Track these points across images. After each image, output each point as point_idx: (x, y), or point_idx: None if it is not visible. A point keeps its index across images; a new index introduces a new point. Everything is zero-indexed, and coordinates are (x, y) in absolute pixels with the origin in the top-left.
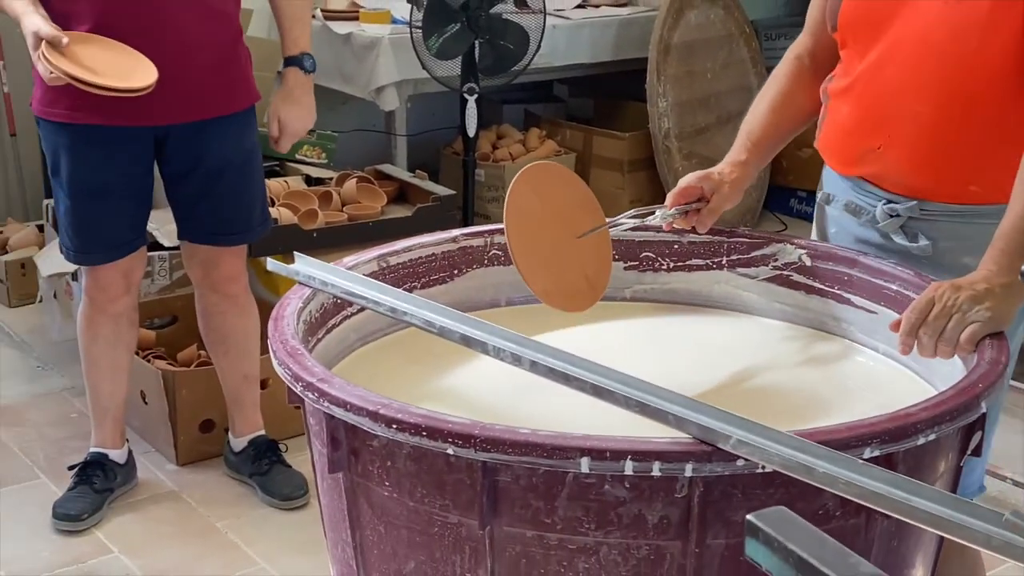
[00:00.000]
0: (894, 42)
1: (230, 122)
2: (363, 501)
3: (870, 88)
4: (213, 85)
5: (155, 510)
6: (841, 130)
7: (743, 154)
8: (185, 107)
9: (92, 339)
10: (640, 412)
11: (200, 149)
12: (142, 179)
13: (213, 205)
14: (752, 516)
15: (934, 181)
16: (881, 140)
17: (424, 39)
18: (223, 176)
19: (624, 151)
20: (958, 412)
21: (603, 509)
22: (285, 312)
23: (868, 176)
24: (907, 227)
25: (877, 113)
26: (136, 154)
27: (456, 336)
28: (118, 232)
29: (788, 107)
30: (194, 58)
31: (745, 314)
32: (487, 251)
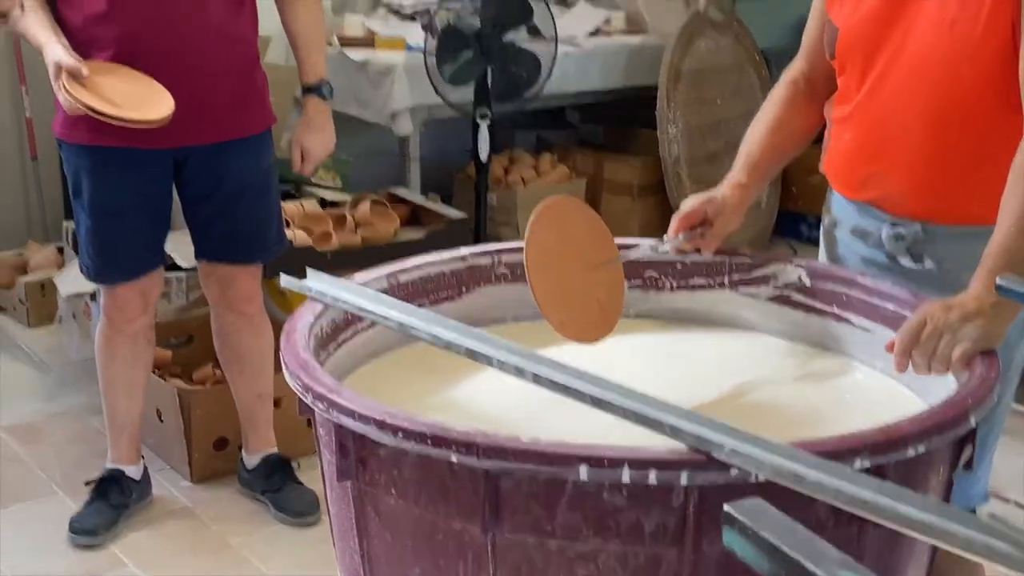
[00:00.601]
0: (889, 69)
1: (248, 144)
2: (370, 509)
3: (868, 114)
4: (231, 108)
5: (169, 526)
6: (844, 156)
7: (743, 176)
8: (204, 130)
9: (110, 358)
10: (637, 422)
11: (219, 171)
12: (161, 200)
13: (231, 225)
14: (728, 506)
15: (936, 204)
16: (882, 165)
17: (438, 66)
18: (241, 197)
19: (634, 176)
20: (947, 426)
21: (602, 516)
22: (297, 326)
23: (872, 200)
24: (913, 249)
25: (876, 139)
26: (155, 175)
27: (462, 349)
28: (137, 252)
29: (785, 129)
30: (213, 82)
31: (748, 331)
32: (494, 269)
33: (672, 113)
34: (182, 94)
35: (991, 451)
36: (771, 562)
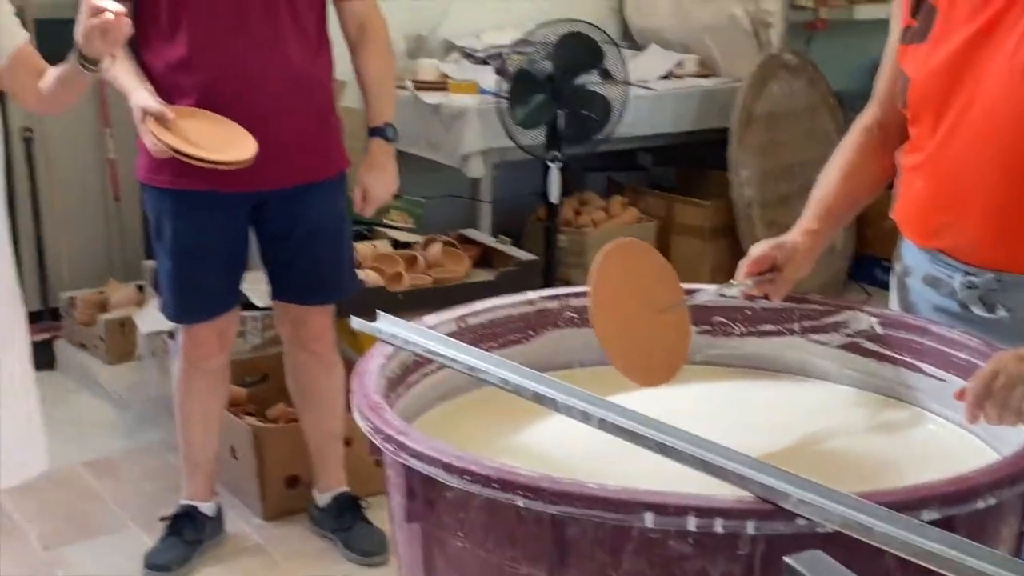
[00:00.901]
0: (961, 118)
1: (324, 188)
2: (437, 551)
3: (941, 164)
4: (308, 152)
5: (241, 563)
6: (916, 204)
7: (815, 223)
8: (281, 174)
9: (187, 394)
10: (703, 470)
11: (296, 213)
12: (239, 243)
13: (306, 266)
14: (789, 558)
15: (1008, 253)
16: (954, 215)
17: (510, 109)
18: (316, 239)
19: (705, 219)
20: (1019, 477)
21: (667, 564)
22: (368, 367)
23: (944, 249)
24: (985, 298)
25: (948, 188)
26: (234, 218)
27: (529, 394)
28: (215, 293)
29: (859, 175)
30: (290, 126)
31: (817, 380)
32: (562, 313)
33: (744, 156)
34: (260, 138)
35: None
36: None
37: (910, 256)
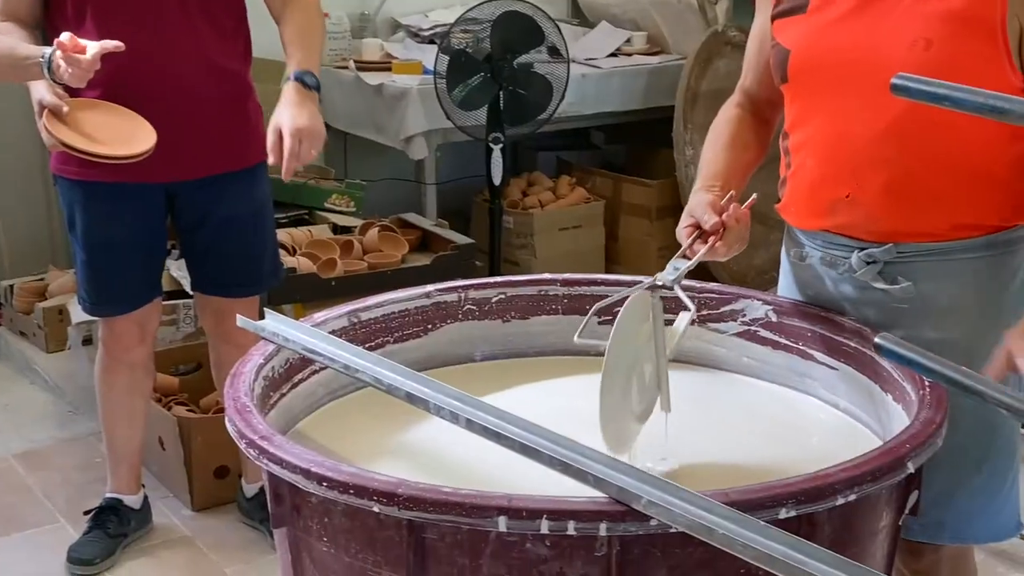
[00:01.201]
0: (857, 90)
1: (239, 178)
2: (305, 556)
3: (835, 138)
4: (222, 141)
5: (167, 555)
6: (807, 184)
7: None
8: (193, 164)
9: (108, 387)
10: (563, 471)
11: (209, 204)
12: (153, 234)
13: (222, 258)
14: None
15: (906, 223)
16: (850, 188)
17: (448, 90)
18: (232, 230)
19: (652, 198)
20: (881, 473)
21: (525, 566)
22: (244, 369)
23: (838, 227)
24: (885, 273)
25: (844, 162)
26: (146, 209)
27: (402, 393)
28: (131, 285)
29: (739, 146)
30: (202, 116)
31: (714, 369)
32: (461, 306)
33: (689, 135)
34: (172, 128)
35: (1012, 479)
36: None
37: (802, 242)
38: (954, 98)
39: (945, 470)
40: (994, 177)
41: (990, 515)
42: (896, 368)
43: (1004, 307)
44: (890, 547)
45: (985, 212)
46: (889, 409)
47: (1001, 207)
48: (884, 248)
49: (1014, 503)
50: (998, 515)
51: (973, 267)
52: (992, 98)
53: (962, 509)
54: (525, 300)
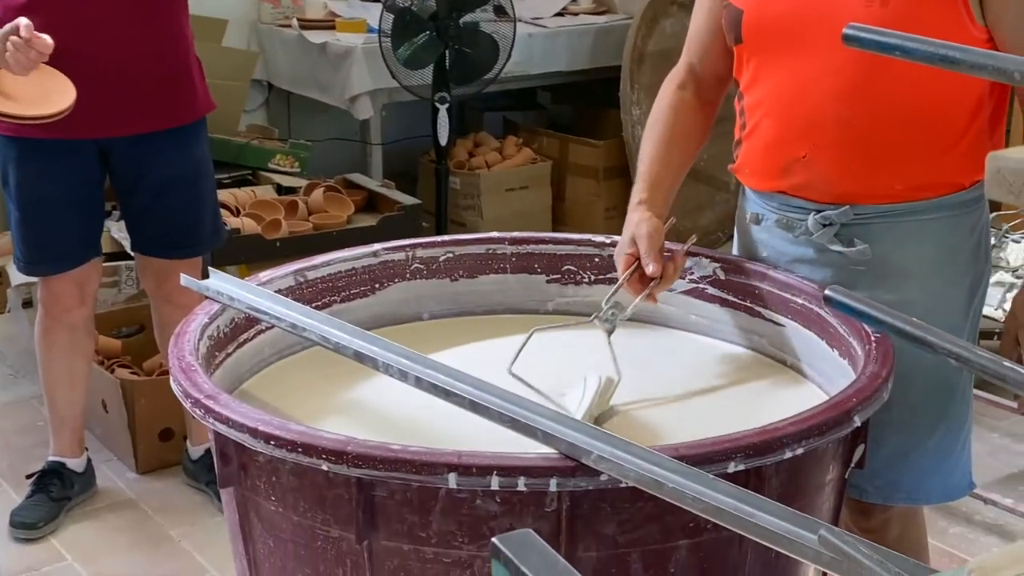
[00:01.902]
0: (813, 49)
1: (175, 135)
2: (253, 515)
3: (791, 98)
4: (155, 99)
5: (112, 518)
6: (762, 144)
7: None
8: (126, 120)
9: (48, 349)
10: (512, 427)
11: (143, 163)
12: (90, 192)
13: (160, 219)
14: (496, 539)
15: (863, 184)
16: (806, 149)
17: (393, 48)
18: (170, 189)
19: (599, 159)
20: (828, 426)
21: (476, 523)
22: (188, 328)
23: (794, 189)
24: (841, 234)
25: (800, 122)
26: (81, 167)
27: (350, 352)
28: (67, 244)
29: (679, 142)
30: (134, 72)
31: (663, 327)
32: (409, 265)
33: (636, 95)
34: (102, 83)
35: (963, 440)
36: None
37: (757, 203)
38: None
39: (899, 432)
40: (952, 138)
41: (943, 476)
42: (843, 324)
43: (961, 267)
44: (836, 500)
45: (943, 173)
46: (836, 364)
47: (959, 168)
48: (840, 210)
49: (966, 463)
50: (951, 476)
51: (931, 228)
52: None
53: (915, 470)
54: (473, 259)
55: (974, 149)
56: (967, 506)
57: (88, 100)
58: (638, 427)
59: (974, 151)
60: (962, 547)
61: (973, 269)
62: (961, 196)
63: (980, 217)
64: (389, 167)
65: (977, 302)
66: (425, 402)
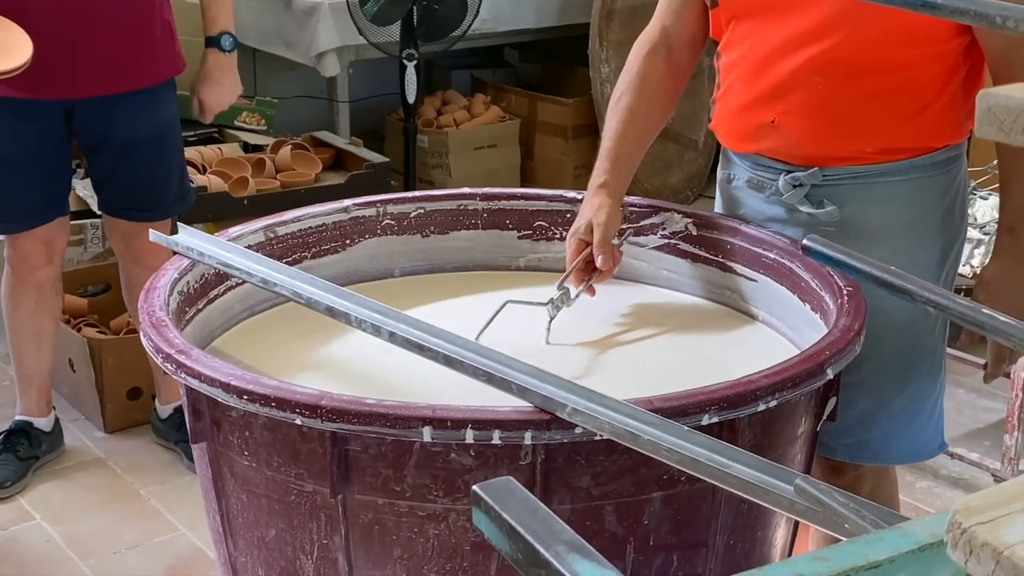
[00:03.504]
0: (783, 16)
1: (141, 96)
2: (226, 470)
3: (760, 63)
4: (123, 59)
5: (80, 477)
6: (734, 107)
7: (603, 175)
8: (93, 81)
9: (15, 307)
10: (487, 382)
11: (109, 122)
12: (54, 151)
13: (126, 180)
14: (477, 487)
15: (832, 148)
16: (775, 114)
17: (360, 4)
18: (135, 151)
19: (568, 117)
20: (801, 379)
21: (450, 477)
22: (158, 284)
23: (765, 151)
24: (811, 195)
25: (769, 88)
26: (46, 126)
27: (322, 307)
28: (33, 202)
29: (644, 116)
30: (102, 31)
31: (635, 282)
32: (379, 221)
33: (605, 52)
34: (70, 43)
35: (936, 401)
36: (510, 543)
37: (732, 163)
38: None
39: (868, 391)
40: (922, 103)
41: (911, 436)
42: (815, 278)
43: (933, 229)
44: (808, 454)
45: (913, 137)
46: (807, 319)
47: (930, 131)
48: (809, 172)
49: (937, 424)
50: (919, 436)
51: (900, 190)
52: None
53: (883, 429)
54: (444, 215)
55: (946, 113)
56: (934, 461)
57: (53, 60)
58: (610, 382)
59: (946, 115)
60: (928, 501)
61: (946, 231)
62: (933, 157)
63: (955, 179)
64: (357, 125)
65: (951, 264)
66: (399, 358)
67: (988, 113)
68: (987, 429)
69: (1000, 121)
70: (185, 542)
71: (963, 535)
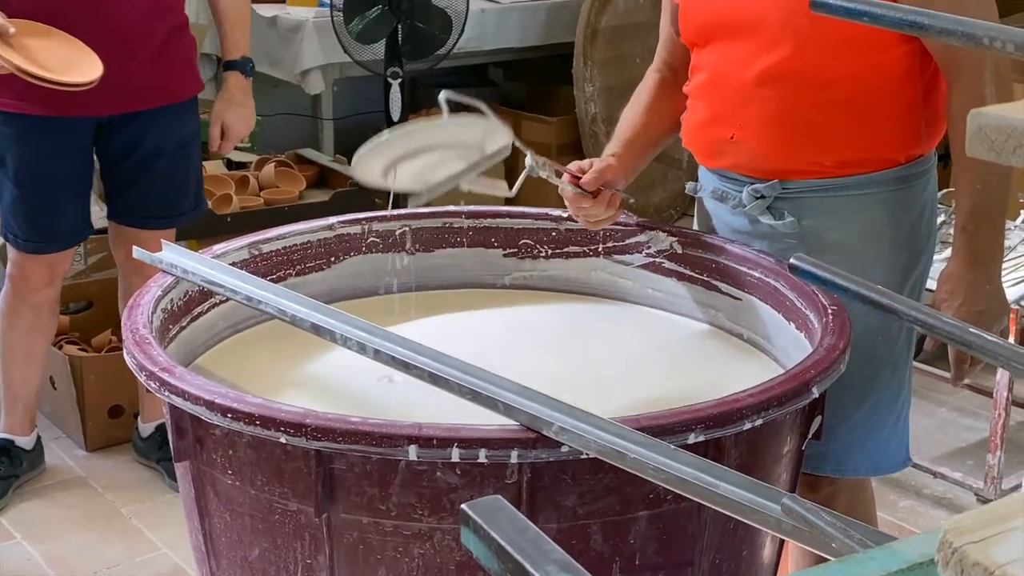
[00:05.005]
0: (736, 38)
1: (170, 111)
2: (209, 489)
3: (718, 83)
4: (154, 76)
5: (61, 496)
6: (697, 125)
7: (618, 148)
8: (126, 98)
9: (10, 326)
10: (473, 400)
11: (138, 135)
12: (85, 168)
13: (145, 188)
14: (466, 505)
15: (789, 160)
16: (733, 130)
17: (345, 23)
18: (157, 161)
19: (552, 135)
20: (787, 398)
21: (436, 496)
22: (142, 301)
23: (728, 167)
24: (773, 208)
25: (727, 104)
26: (78, 144)
27: (307, 325)
28: (67, 221)
29: (654, 112)
30: (135, 49)
31: (620, 301)
32: (365, 238)
33: (589, 71)
34: (104, 62)
35: (899, 416)
36: (499, 563)
37: (702, 176)
38: (873, 14)
39: (829, 403)
40: (876, 111)
41: (872, 449)
42: (800, 297)
43: (895, 244)
44: (794, 472)
45: (871, 149)
46: (792, 338)
47: (890, 143)
48: (769, 184)
49: (901, 438)
50: (881, 450)
51: (860, 204)
52: (912, 13)
53: (841, 442)
54: (429, 232)
55: (904, 123)
56: (916, 479)
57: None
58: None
59: (904, 125)
60: (911, 520)
61: (911, 247)
62: (896, 172)
63: (922, 194)
64: (341, 143)
65: (915, 280)
66: (384, 376)
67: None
68: (970, 448)
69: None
70: (167, 561)
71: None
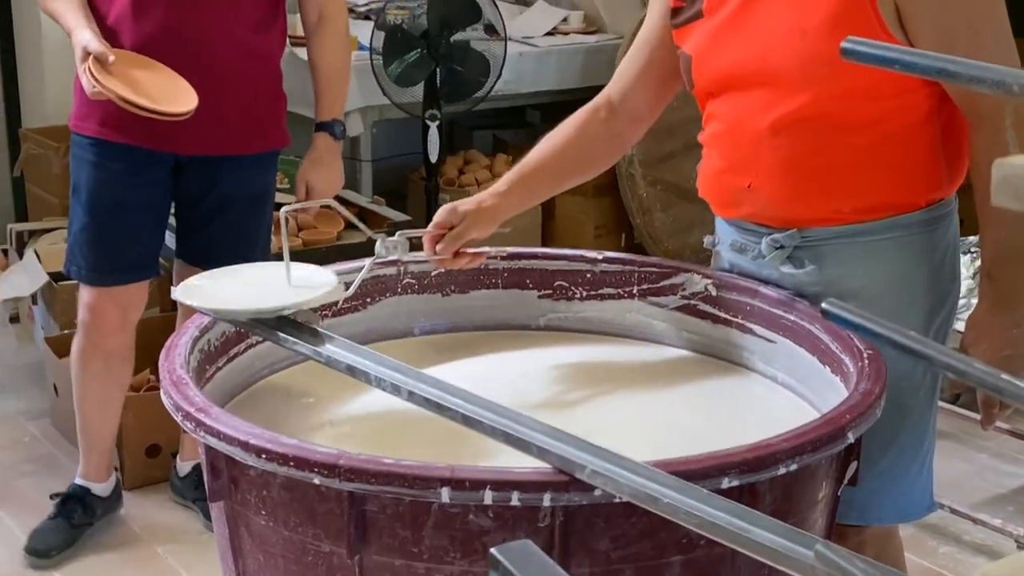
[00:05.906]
0: (750, 85)
1: (251, 161)
2: (243, 530)
3: (733, 132)
4: (242, 123)
5: (98, 535)
6: (713, 174)
7: (505, 185)
8: (211, 140)
9: (82, 371)
10: (506, 442)
11: (217, 178)
12: (160, 204)
13: (218, 232)
14: (495, 550)
15: (807, 209)
16: (750, 179)
17: (385, 66)
18: (232, 206)
19: None
20: (822, 443)
21: (468, 538)
22: (179, 341)
23: (746, 217)
24: (793, 257)
25: (742, 154)
26: (157, 179)
27: (342, 366)
28: (135, 254)
29: (570, 153)
30: (230, 93)
31: (655, 343)
32: (400, 280)
33: None
34: (201, 101)
35: (923, 462)
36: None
37: (719, 228)
38: (904, 61)
39: None
40: (896, 155)
41: (896, 496)
42: (835, 340)
43: (919, 288)
44: (829, 518)
45: (891, 194)
46: (828, 381)
47: (910, 187)
48: (788, 233)
49: (924, 484)
50: (905, 496)
51: (882, 249)
52: (941, 61)
53: (867, 489)
54: (465, 274)
55: (925, 167)
56: (956, 526)
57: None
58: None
59: (925, 169)
60: (951, 567)
61: (935, 291)
62: (917, 216)
63: (944, 237)
64: (379, 184)
65: (940, 324)
66: (418, 417)
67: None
68: (1010, 494)
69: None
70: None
71: None
